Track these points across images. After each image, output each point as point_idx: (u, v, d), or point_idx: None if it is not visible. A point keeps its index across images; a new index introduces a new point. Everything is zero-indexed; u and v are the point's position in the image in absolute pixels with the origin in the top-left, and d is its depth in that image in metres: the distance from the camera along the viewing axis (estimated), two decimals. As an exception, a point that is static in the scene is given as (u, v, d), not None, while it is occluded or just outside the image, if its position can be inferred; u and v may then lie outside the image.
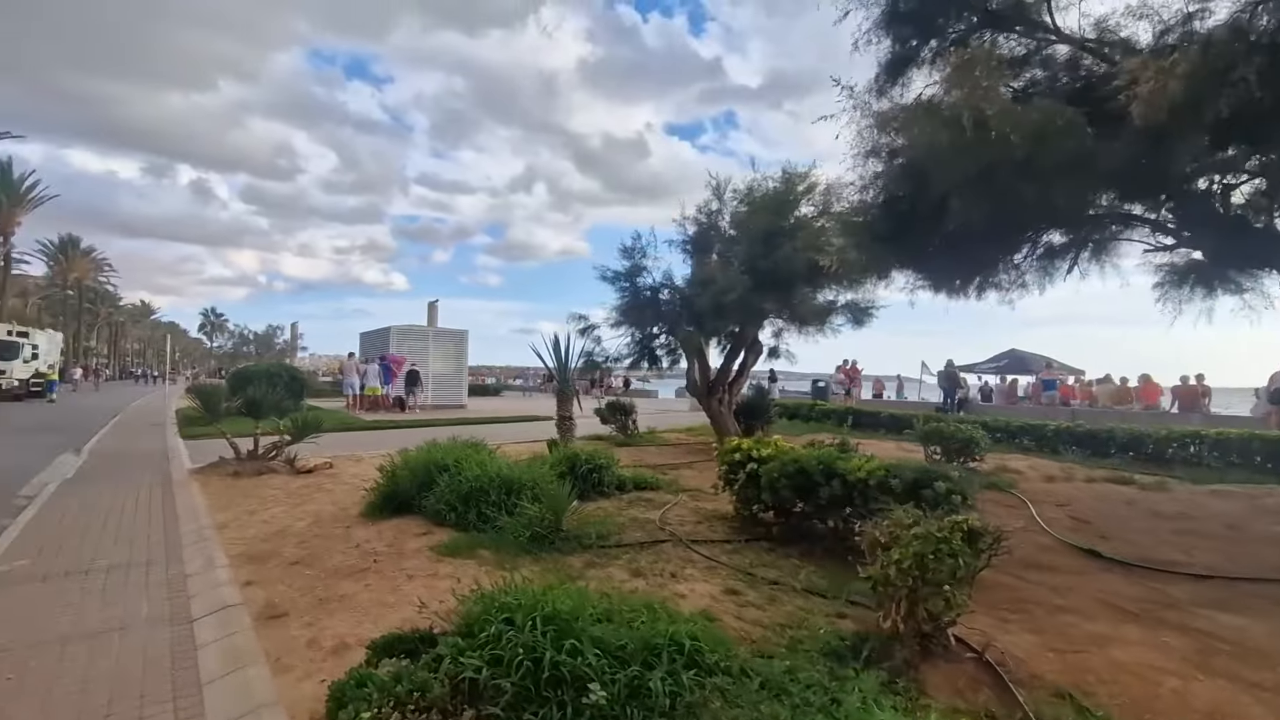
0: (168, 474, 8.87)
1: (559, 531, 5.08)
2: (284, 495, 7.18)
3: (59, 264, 52.93)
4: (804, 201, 9.22)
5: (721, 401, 10.76)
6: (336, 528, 5.70)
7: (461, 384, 20.47)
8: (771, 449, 5.47)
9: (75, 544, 5.28)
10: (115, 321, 72.77)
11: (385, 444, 11.94)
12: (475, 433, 14.64)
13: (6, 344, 24.45)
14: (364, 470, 8.69)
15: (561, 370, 9.60)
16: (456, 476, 5.83)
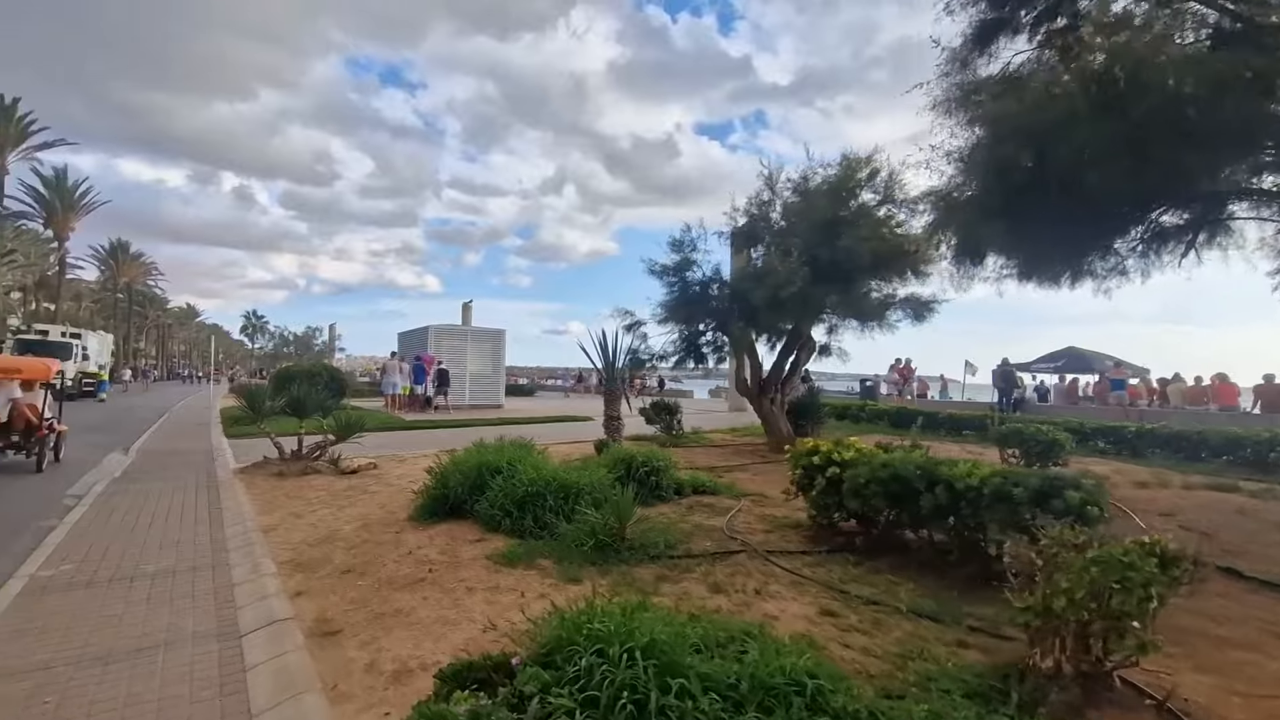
0: (213, 473, 8.76)
1: (623, 540, 4.68)
2: (329, 497, 6.94)
3: (110, 268, 54.79)
4: (865, 188, 8.68)
5: (774, 401, 10.25)
6: (386, 532, 5.40)
7: (499, 384, 20.30)
8: (853, 452, 4.99)
9: (120, 547, 5.08)
10: (163, 324, 75.16)
11: (427, 444, 11.74)
12: (516, 433, 14.43)
13: (60, 345, 25.14)
14: (408, 471, 8.44)
15: (609, 368, 9.23)
16: (510, 480, 5.48)
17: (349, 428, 8.67)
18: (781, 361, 10.09)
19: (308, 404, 8.82)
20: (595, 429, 15.57)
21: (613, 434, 9.08)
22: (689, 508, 6.26)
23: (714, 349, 11.30)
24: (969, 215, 5.06)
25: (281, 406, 8.76)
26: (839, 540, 5.04)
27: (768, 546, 4.92)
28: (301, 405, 8.77)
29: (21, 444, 8.71)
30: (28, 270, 43.86)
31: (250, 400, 8.48)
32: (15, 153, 26.75)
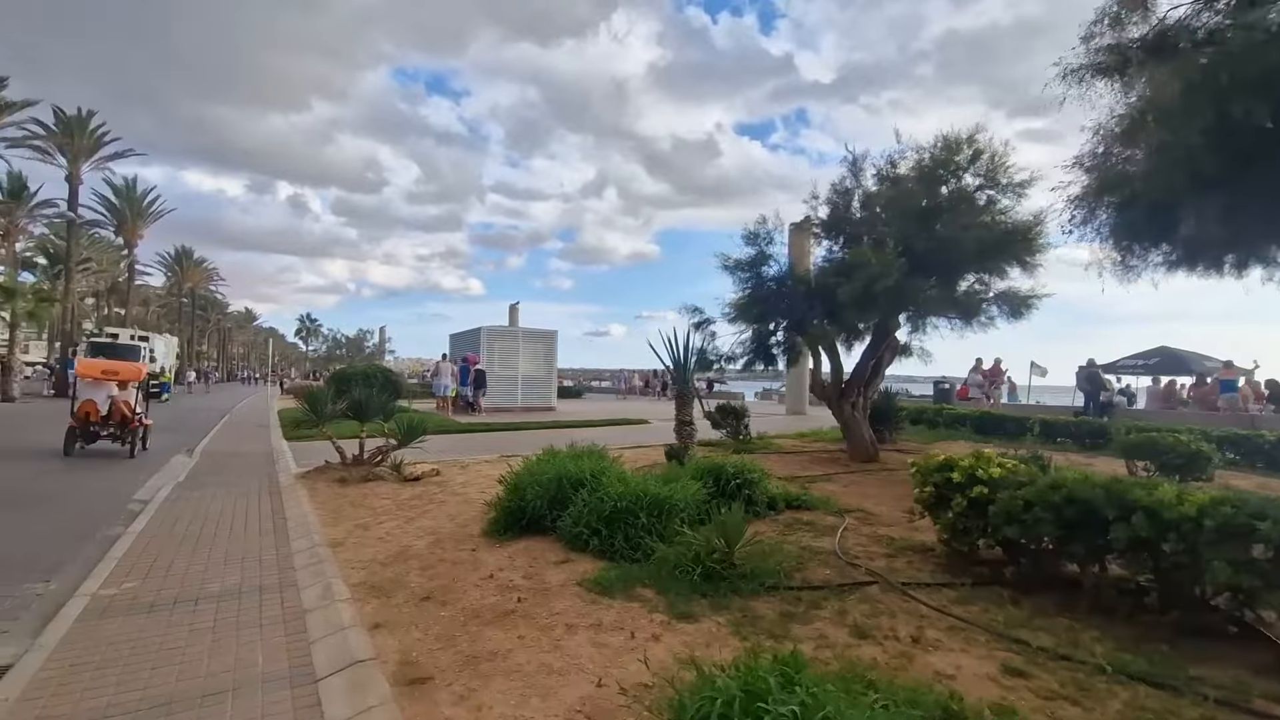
0: (275, 478, 8.53)
1: (732, 566, 4.08)
2: (395, 507, 6.55)
3: (175, 273, 57.13)
4: (967, 171, 7.86)
5: (855, 406, 9.48)
6: (461, 550, 4.93)
7: (551, 386, 19.95)
8: (999, 468, 4.27)
9: (184, 562, 4.74)
10: (223, 327, 78.18)
11: (486, 449, 11.38)
12: (573, 437, 13.94)
13: (129, 348, 26.00)
14: (473, 479, 8.03)
15: (681, 370, 8.63)
16: (596, 494, 4.94)
17: (412, 432, 8.31)
18: (865, 363, 9.32)
19: (369, 407, 8.51)
20: (654, 432, 15.05)
21: (685, 440, 8.47)
22: (787, 525, 5.61)
23: (784, 350, 10.59)
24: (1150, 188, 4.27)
25: (342, 410, 8.46)
26: (981, 571, 4.32)
27: (897, 576, 4.24)
28: (363, 408, 8.46)
29: (118, 434, 10.27)
30: (101, 276, 45.98)
31: (312, 403, 8.20)
32: (89, 163, 27.84)
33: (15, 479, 8.26)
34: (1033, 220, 7.70)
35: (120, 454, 10.30)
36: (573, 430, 15.12)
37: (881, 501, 6.78)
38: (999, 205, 8.04)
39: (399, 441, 8.35)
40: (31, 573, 4.69)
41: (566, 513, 5.00)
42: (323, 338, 78.74)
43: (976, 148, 7.71)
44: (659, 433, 14.84)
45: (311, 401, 8.21)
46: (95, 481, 8.31)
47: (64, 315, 29.77)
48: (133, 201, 36.52)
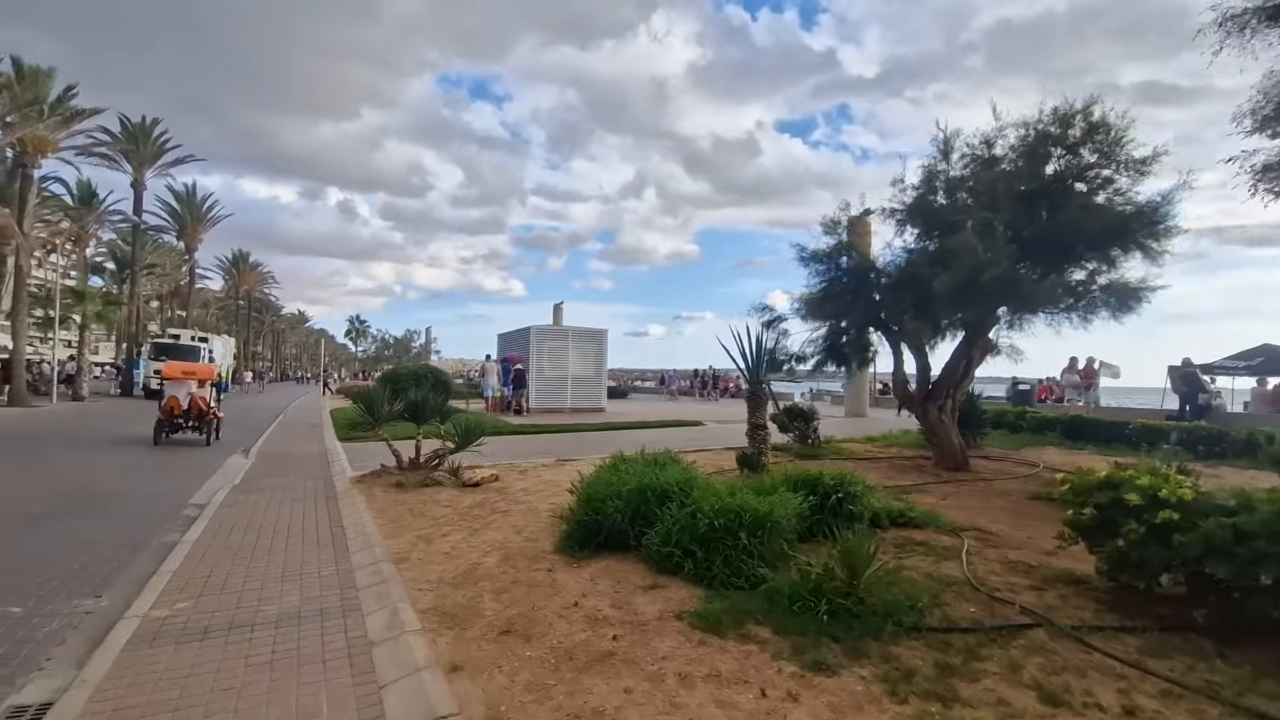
0: (330, 482, 8.25)
1: (860, 600, 3.45)
2: (456, 515, 6.11)
3: (232, 277, 59.13)
4: (1085, 145, 7.00)
5: (943, 410, 8.67)
6: (536, 569, 4.42)
7: (601, 386, 19.49)
8: (1189, 490, 3.52)
9: (240, 578, 4.36)
10: (277, 329, 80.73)
11: (542, 452, 10.95)
12: (627, 440, 13.38)
13: (189, 348, 26.72)
14: (533, 485, 7.56)
15: (755, 370, 8.00)
16: (686, 509, 4.36)
17: (469, 435, 7.91)
18: (955, 362, 8.51)
19: (425, 409, 8.14)
20: (711, 435, 14.38)
21: (758, 445, 7.84)
22: (898, 547, 4.93)
23: (858, 349, 9.83)
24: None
25: (399, 412, 8.11)
26: (1161, 612, 3.58)
27: (1056, 615, 3.54)
28: (419, 410, 8.09)
29: (197, 425, 11.91)
30: (164, 280, 47.79)
31: (367, 405, 7.87)
32: (152, 169, 28.77)
33: (80, 479, 8.20)
34: (1160, 200, 6.81)
35: (181, 452, 10.79)
36: (626, 433, 14.61)
37: (994, 518, 6.02)
38: (1115, 184, 7.16)
39: (456, 445, 7.95)
40: (84, 586, 4.40)
41: (654, 530, 4.44)
42: (371, 338, 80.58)
43: (1094, 119, 6.85)
44: (717, 436, 14.21)
45: (367, 403, 7.89)
46: (153, 484, 8.17)
47: (130, 317, 30.85)
48: (192, 207, 37.74)
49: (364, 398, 7.98)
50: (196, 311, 48.94)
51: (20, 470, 8.91)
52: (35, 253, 26.92)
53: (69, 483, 8.00)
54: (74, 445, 11.76)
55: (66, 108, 19.39)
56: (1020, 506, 6.66)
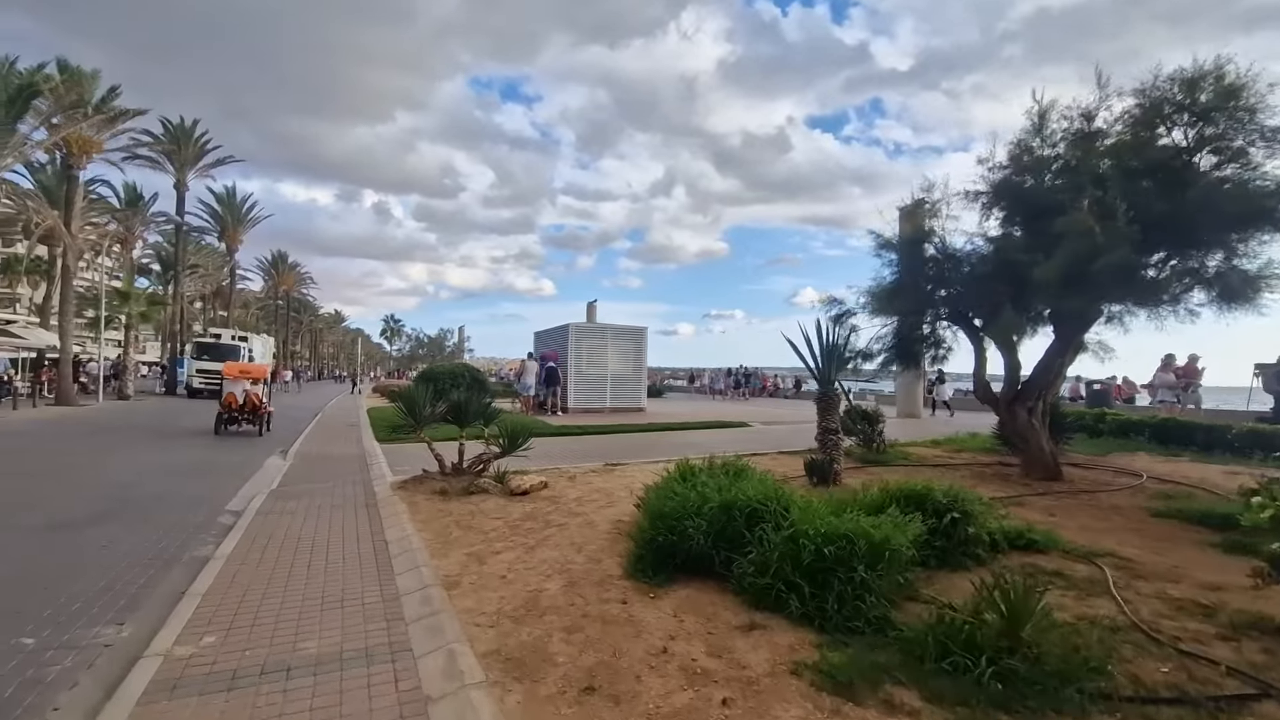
0: (370, 487, 7.81)
1: (1027, 657, 2.76)
2: (507, 529, 5.56)
3: (271, 277, 60.25)
4: (1217, 114, 6.11)
5: (1033, 412, 7.82)
6: (607, 599, 3.82)
7: (640, 385, 18.90)
8: None
9: (274, 606, 3.86)
10: (315, 328, 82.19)
11: (586, 454, 10.40)
12: (672, 441, 12.77)
13: (230, 347, 26.96)
14: (585, 494, 6.98)
15: (826, 369, 7.30)
16: (784, 531, 3.71)
17: (516, 439, 7.37)
18: (1051, 360, 7.65)
19: (469, 410, 7.63)
20: (761, 437, 13.64)
21: (830, 452, 7.13)
22: (1027, 576, 4.18)
23: (930, 345, 9.03)
24: None
25: (441, 414, 7.62)
26: None
27: (1271, 674, 2.80)
28: (463, 412, 7.59)
29: (251, 419, 13.45)
30: (207, 280, 48.82)
31: (409, 406, 7.39)
32: (193, 171, 29.16)
33: (118, 481, 7.93)
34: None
35: (220, 450, 10.93)
36: (671, 435, 13.99)
37: (1120, 539, 5.22)
38: (1248, 158, 6.25)
39: (502, 449, 7.43)
40: (108, 610, 3.96)
41: (743, 555, 3.81)
42: (406, 337, 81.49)
43: (1228, 82, 5.96)
44: (767, 438, 13.50)
45: (408, 404, 7.41)
46: (190, 487, 7.84)
47: (173, 317, 31.37)
48: (233, 208, 38.33)
49: (405, 399, 7.50)
50: (237, 311, 49.89)
51: (61, 472, 8.70)
52: (85, 255, 27.51)
53: (107, 485, 7.72)
54: (114, 446, 11.63)
55: (110, 108, 19.60)
56: (1143, 525, 5.83)
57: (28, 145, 15.54)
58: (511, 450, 7.43)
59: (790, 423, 17.07)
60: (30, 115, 14.52)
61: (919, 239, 7.70)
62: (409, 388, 7.42)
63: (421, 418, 7.44)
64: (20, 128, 14.69)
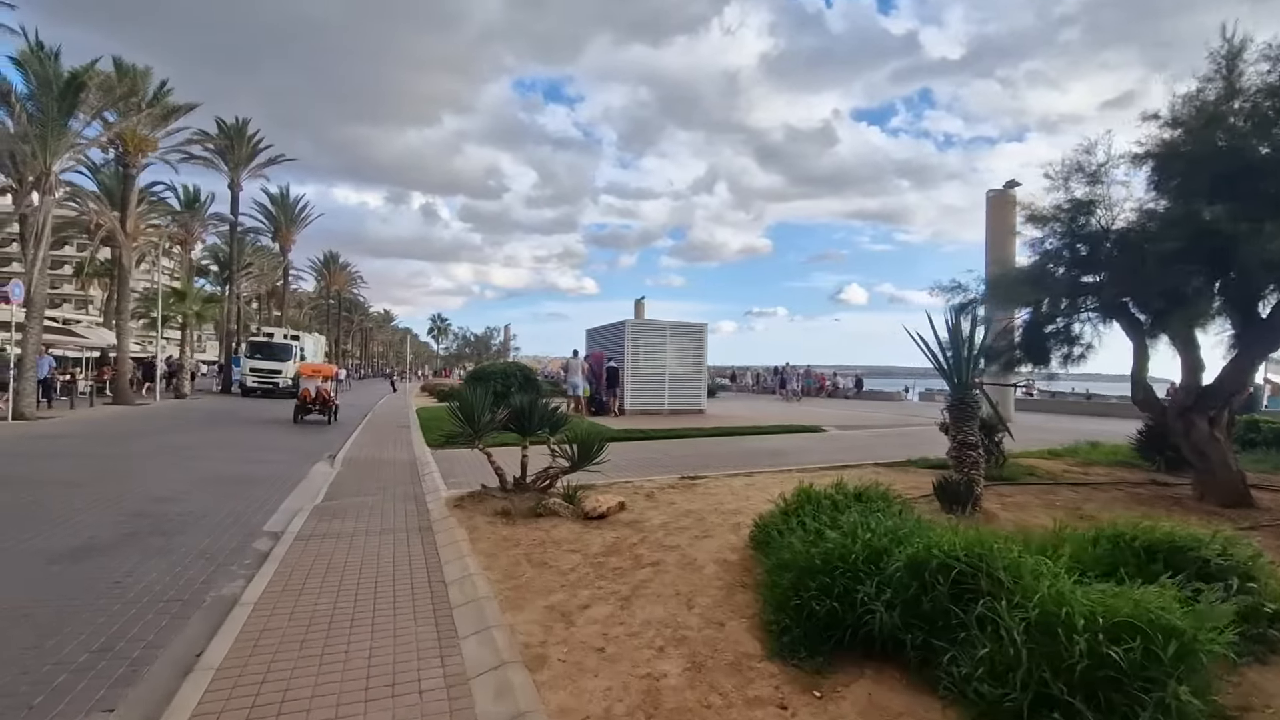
0: (422, 502, 6.92)
1: None
2: (589, 567, 4.52)
3: (323, 277, 61.35)
4: None
5: (1215, 423, 6.36)
6: (753, 696, 2.72)
7: (700, 385, 17.74)
8: None
9: (305, 695, 2.89)
10: (365, 328, 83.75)
11: (653, 463, 9.31)
12: (743, 448, 11.56)
13: (282, 346, 26.96)
14: (670, 517, 5.90)
15: (962, 369, 6.02)
16: (1031, 615, 2.53)
17: (587, 451, 6.35)
18: (1246, 361, 6.17)
19: (533, 417, 6.64)
20: (841, 444, 12.18)
21: (967, 471, 5.86)
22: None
23: (1069, 341, 7.61)
24: None
25: (503, 421, 6.65)
26: None
27: None
28: (527, 418, 6.60)
29: (322, 410, 15.90)
30: (262, 280, 49.81)
31: (466, 413, 6.44)
32: (246, 170, 29.35)
33: (156, 493, 7.24)
34: None
35: (268, 452, 10.46)
36: (741, 440, 12.81)
37: None
38: None
39: (571, 462, 6.41)
40: (100, 680, 3.07)
41: (954, 642, 2.65)
42: (453, 336, 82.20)
43: None
44: (851, 445, 12.16)
45: (465, 411, 6.46)
46: (230, 499, 7.10)
47: (230, 316, 31.75)
48: (286, 209, 38.77)
49: (462, 405, 6.55)
50: (291, 311, 50.81)
51: (93, 480, 8.11)
52: (145, 256, 27.98)
53: (138, 497, 7.03)
54: (157, 450, 11.14)
55: (163, 104, 19.55)
56: None
57: (81, 143, 15.37)
58: (583, 465, 6.41)
59: (869, 427, 15.65)
60: (82, 110, 14.32)
61: (1083, 209, 6.29)
62: (463, 391, 6.44)
63: (480, 426, 6.48)
64: (73, 124, 14.50)
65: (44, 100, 13.55)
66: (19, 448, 10.75)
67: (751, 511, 6.13)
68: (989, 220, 17.09)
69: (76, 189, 23.80)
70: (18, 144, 13.59)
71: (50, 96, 13.52)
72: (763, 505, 6.40)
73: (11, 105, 13.42)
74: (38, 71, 13.41)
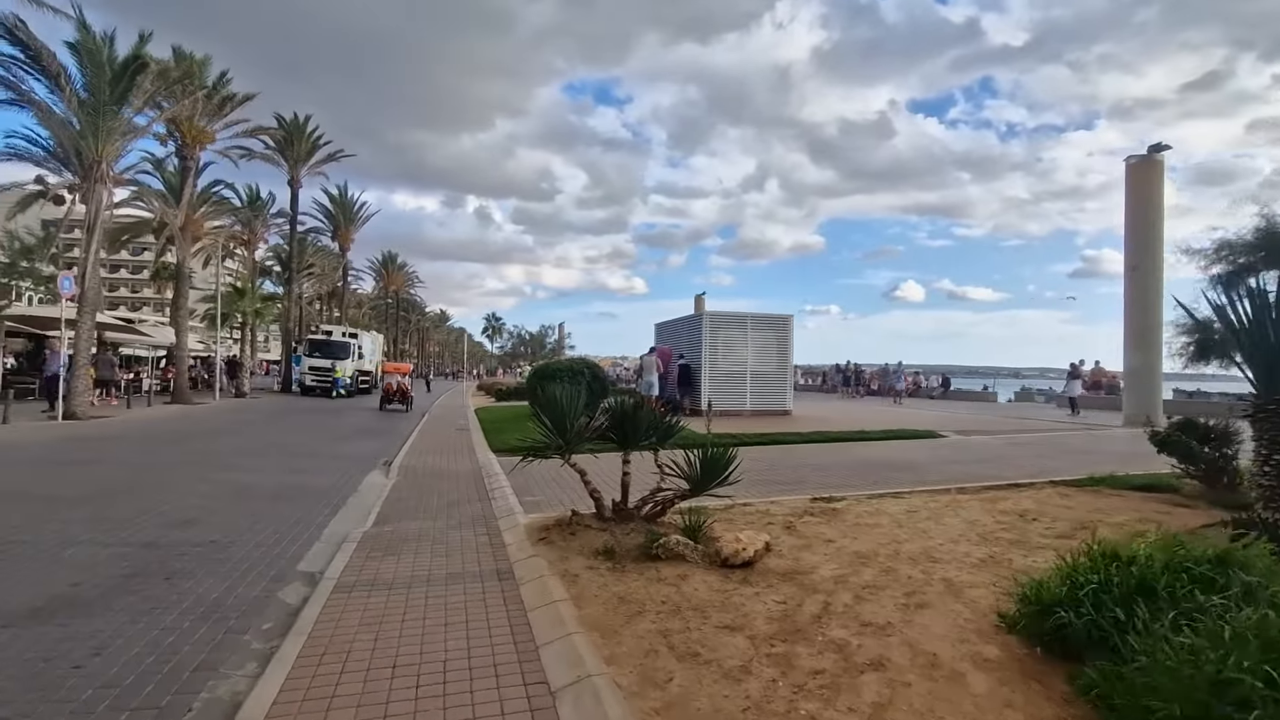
0: (494, 528, 5.46)
1: None
2: (772, 667, 2.87)
3: (381, 277, 61.94)
4: None
5: None
6: None
7: (786, 384, 15.88)
8: None
9: None
10: (422, 327, 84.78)
11: (763, 477, 7.56)
12: (854, 456, 9.75)
13: (340, 344, 26.42)
14: (841, 569, 4.19)
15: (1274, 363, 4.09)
16: None
17: (714, 470, 4.72)
18: None
19: (640, 424, 5.05)
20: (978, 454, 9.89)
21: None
22: None
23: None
24: None
25: (601, 430, 5.08)
26: None
27: None
28: (632, 426, 5.01)
29: (402, 400, 19.26)
30: (324, 280, 50.29)
31: (556, 420, 4.89)
32: (305, 167, 29.06)
33: (185, 514, 6.00)
34: None
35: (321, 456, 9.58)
36: (849, 447, 10.92)
37: None
38: None
39: (692, 483, 4.79)
40: None
41: None
42: (507, 334, 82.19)
43: None
44: (987, 456, 10.05)
45: (554, 415, 4.90)
46: (265, 521, 5.80)
47: (290, 315, 31.64)
48: (345, 208, 38.74)
49: (548, 408, 4.99)
50: (351, 311, 51.21)
51: (115, 494, 6.99)
52: (210, 258, 28.01)
53: (157, 521, 5.79)
54: (200, 456, 10.12)
55: (221, 93, 19.05)
56: None
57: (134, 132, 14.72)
58: (708, 486, 4.79)
59: (991, 432, 13.44)
60: (136, 96, 13.64)
61: None
62: (551, 392, 4.80)
63: (571, 435, 4.92)
64: (128, 114, 13.83)
65: (95, 83, 12.91)
66: (52, 453, 9.82)
67: (952, 559, 4.39)
68: (1130, 191, 14.63)
69: (144, 188, 23.81)
70: (70, 130, 13.00)
71: (103, 79, 12.88)
72: (964, 549, 4.63)
73: (62, 87, 12.78)
74: (90, 49, 12.69)
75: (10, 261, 16.41)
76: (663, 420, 5.25)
